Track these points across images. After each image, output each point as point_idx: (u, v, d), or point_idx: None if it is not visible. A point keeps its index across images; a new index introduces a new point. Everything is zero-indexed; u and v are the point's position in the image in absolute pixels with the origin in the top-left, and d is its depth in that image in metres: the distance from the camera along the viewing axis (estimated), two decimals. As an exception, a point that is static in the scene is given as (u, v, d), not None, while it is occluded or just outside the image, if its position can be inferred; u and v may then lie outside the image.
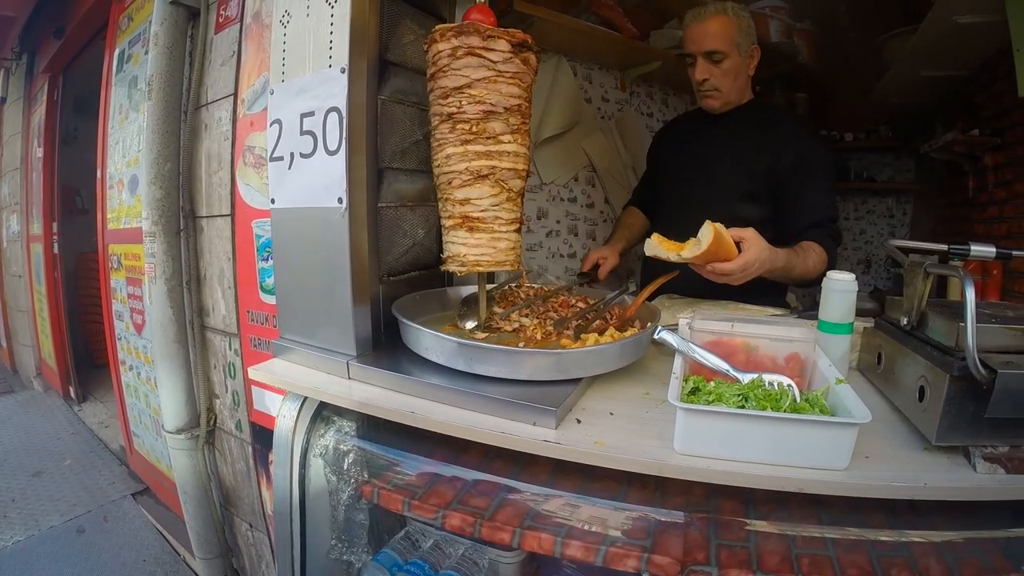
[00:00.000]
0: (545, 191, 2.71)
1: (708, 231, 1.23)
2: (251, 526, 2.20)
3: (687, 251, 1.25)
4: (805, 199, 1.79)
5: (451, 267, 1.28)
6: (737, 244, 1.33)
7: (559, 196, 2.78)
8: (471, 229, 1.25)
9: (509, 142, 1.24)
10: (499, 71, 1.21)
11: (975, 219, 3.67)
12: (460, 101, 1.20)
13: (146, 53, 2.07)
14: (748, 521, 0.95)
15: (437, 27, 1.19)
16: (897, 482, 0.82)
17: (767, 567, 0.91)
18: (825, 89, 4.57)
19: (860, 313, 1.20)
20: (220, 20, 2.01)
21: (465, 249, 1.26)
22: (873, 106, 4.52)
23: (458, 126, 1.21)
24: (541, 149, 2.61)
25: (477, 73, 1.19)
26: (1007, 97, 3.17)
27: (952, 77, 3.65)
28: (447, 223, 1.28)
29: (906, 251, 1.10)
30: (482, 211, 1.25)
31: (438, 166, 1.25)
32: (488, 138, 1.22)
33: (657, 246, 1.29)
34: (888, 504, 0.90)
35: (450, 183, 1.24)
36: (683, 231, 1.37)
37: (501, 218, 1.27)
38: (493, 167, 1.23)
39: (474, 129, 1.21)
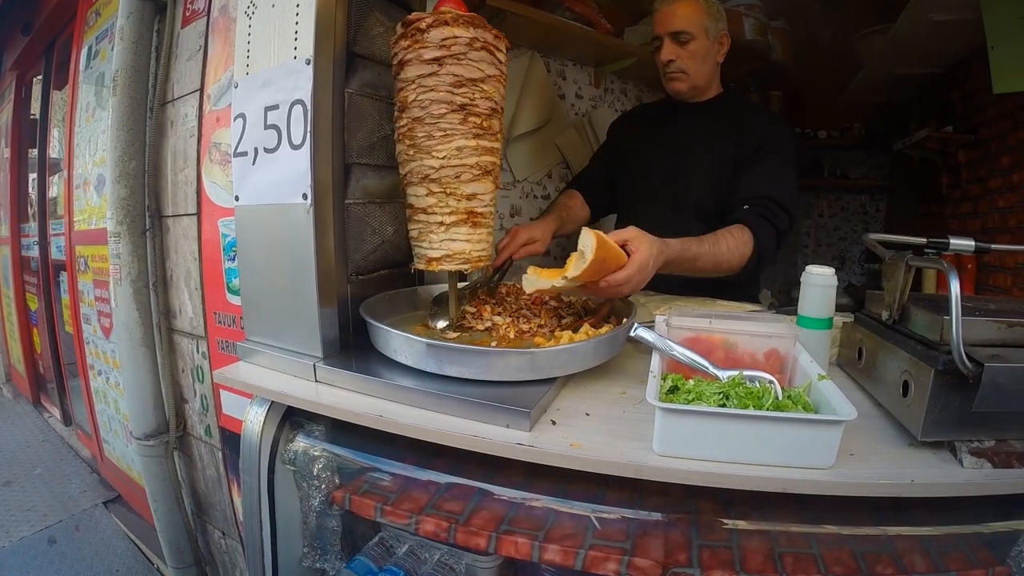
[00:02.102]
0: (518, 188, 2.68)
1: (590, 239, 1.09)
2: (224, 534, 2.15)
3: (572, 269, 1.13)
4: (748, 175, 1.75)
5: (450, 266, 1.25)
6: (623, 248, 1.22)
7: (532, 193, 2.75)
8: (475, 225, 1.24)
9: (499, 141, 1.25)
10: (501, 72, 1.22)
11: (949, 215, 3.72)
12: (473, 94, 1.17)
13: (113, 49, 2.01)
14: (730, 521, 0.93)
15: (447, 10, 1.15)
16: (884, 480, 0.81)
17: (750, 567, 0.90)
18: (799, 87, 4.60)
19: (836, 309, 1.18)
20: (187, 14, 1.96)
21: (468, 246, 1.25)
22: (847, 104, 4.56)
23: (470, 119, 1.18)
24: (514, 146, 2.58)
25: (490, 70, 1.19)
26: (981, 94, 3.22)
27: (926, 75, 3.69)
28: (447, 219, 1.23)
29: (884, 245, 1.09)
30: (484, 206, 1.25)
31: (444, 158, 1.19)
32: (492, 135, 1.22)
33: (537, 279, 1.19)
34: (872, 500, 0.89)
35: (458, 177, 1.20)
36: (653, 224, 1.35)
37: (494, 213, 1.28)
38: (494, 163, 1.24)
39: (483, 124, 1.19)
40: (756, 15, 3.34)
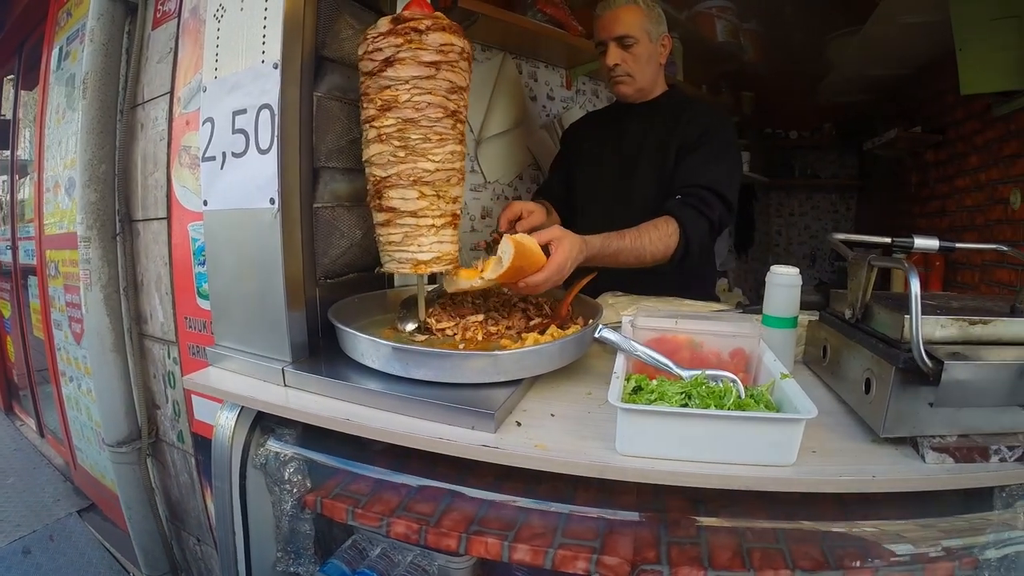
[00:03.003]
0: (489, 190, 2.67)
1: (509, 247, 1.17)
2: (198, 540, 2.13)
3: (489, 271, 1.20)
4: (684, 164, 1.79)
5: (438, 267, 1.26)
6: (545, 248, 1.27)
7: (503, 195, 2.74)
8: (455, 227, 1.27)
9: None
10: (471, 81, 1.24)
11: (917, 214, 3.78)
12: (460, 102, 1.20)
13: (84, 50, 1.98)
14: (698, 518, 0.95)
15: (441, 16, 1.16)
16: (846, 476, 0.82)
17: (718, 563, 0.91)
18: (771, 88, 4.65)
19: (805, 306, 1.20)
20: (158, 15, 1.94)
21: (452, 247, 1.27)
22: (818, 104, 4.62)
23: (458, 125, 1.20)
24: (485, 148, 2.58)
25: (468, 80, 1.22)
26: (949, 95, 3.28)
27: (895, 76, 3.75)
28: (438, 222, 1.23)
29: (850, 244, 1.10)
30: (460, 208, 1.28)
31: (439, 161, 1.19)
32: (464, 141, 1.25)
33: (457, 280, 1.26)
34: (839, 496, 0.90)
35: (448, 180, 1.22)
36: (604, 223, 1.44)
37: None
38: (464, 167, 1.26)
39: (463, 131, 1.23)
40: (728, 17, 3.38)
